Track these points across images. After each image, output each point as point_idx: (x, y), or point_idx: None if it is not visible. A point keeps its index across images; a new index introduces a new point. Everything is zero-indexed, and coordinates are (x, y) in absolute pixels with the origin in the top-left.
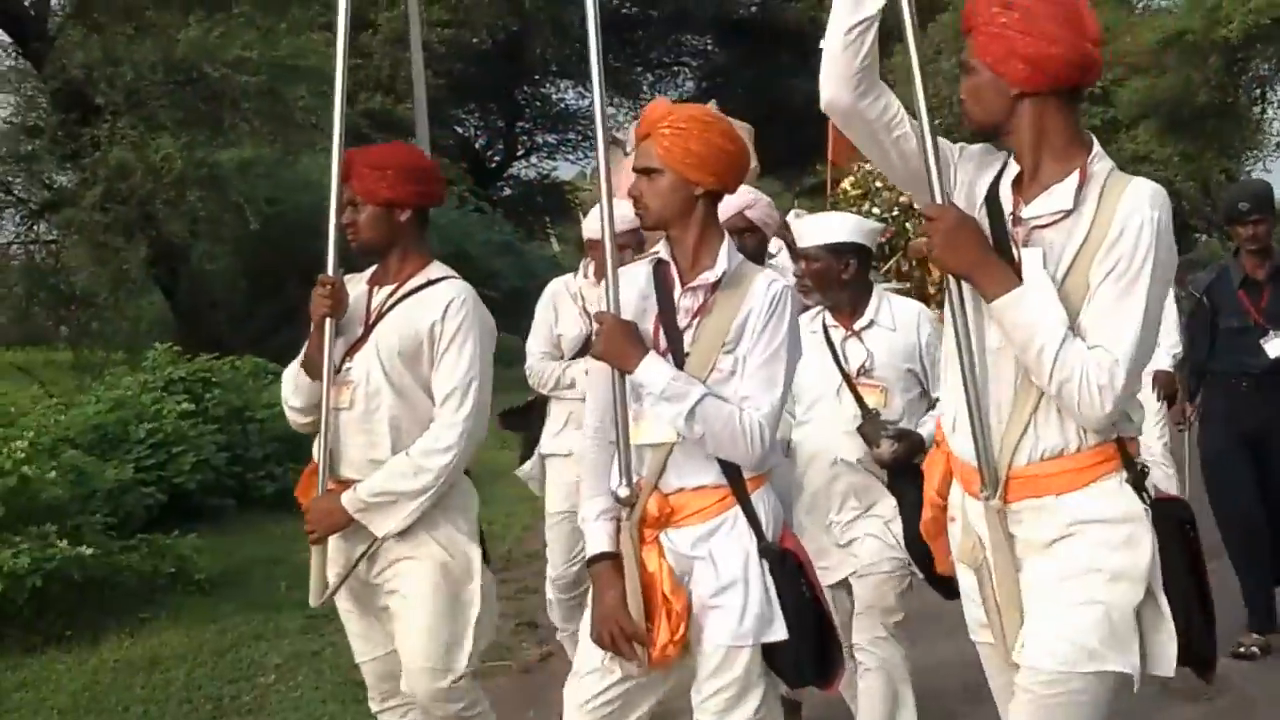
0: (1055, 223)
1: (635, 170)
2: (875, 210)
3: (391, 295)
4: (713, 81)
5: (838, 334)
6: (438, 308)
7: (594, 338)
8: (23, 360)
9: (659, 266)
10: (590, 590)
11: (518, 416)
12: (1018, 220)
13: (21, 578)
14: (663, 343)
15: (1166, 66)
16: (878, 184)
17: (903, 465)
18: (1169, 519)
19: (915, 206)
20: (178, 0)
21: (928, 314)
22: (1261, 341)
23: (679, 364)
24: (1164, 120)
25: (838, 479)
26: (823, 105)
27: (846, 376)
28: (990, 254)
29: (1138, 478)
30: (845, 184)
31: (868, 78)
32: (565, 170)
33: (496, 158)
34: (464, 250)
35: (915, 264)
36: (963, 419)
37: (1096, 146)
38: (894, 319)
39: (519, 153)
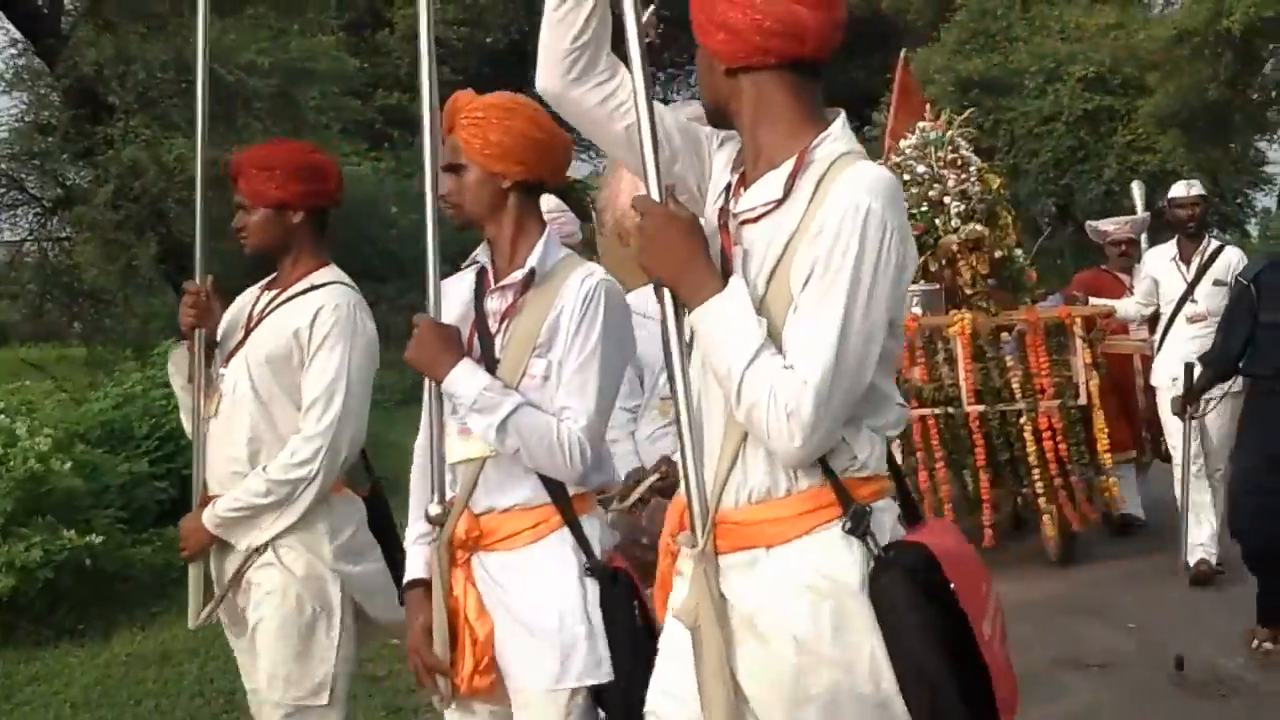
0: (764, 216)
1: (443, 169)
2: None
3: (272, 301)
4: None
5: None
6: (308, 313)
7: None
8: (36, 356)
9: (482, 270)
10: None
11: None
12: (728, 214)
13: (33, 571)
14: (477, 350)
15: (1179, 64)
16: (905, 177)
17: None
18: (902, 576)
19: (945, 201)
20: (192, 1)
21: None
22: None
23: (492, 371)
24: (1178, 125)
25: None
26: (536, 87)
27: None
28: (699, 258)
29: (859, 523)
30: None
31: (582, 61)
32: (579, 169)
33: None
34: (470, 249)
35: (945, 263)
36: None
37: (834, 128)
38: None
39: None
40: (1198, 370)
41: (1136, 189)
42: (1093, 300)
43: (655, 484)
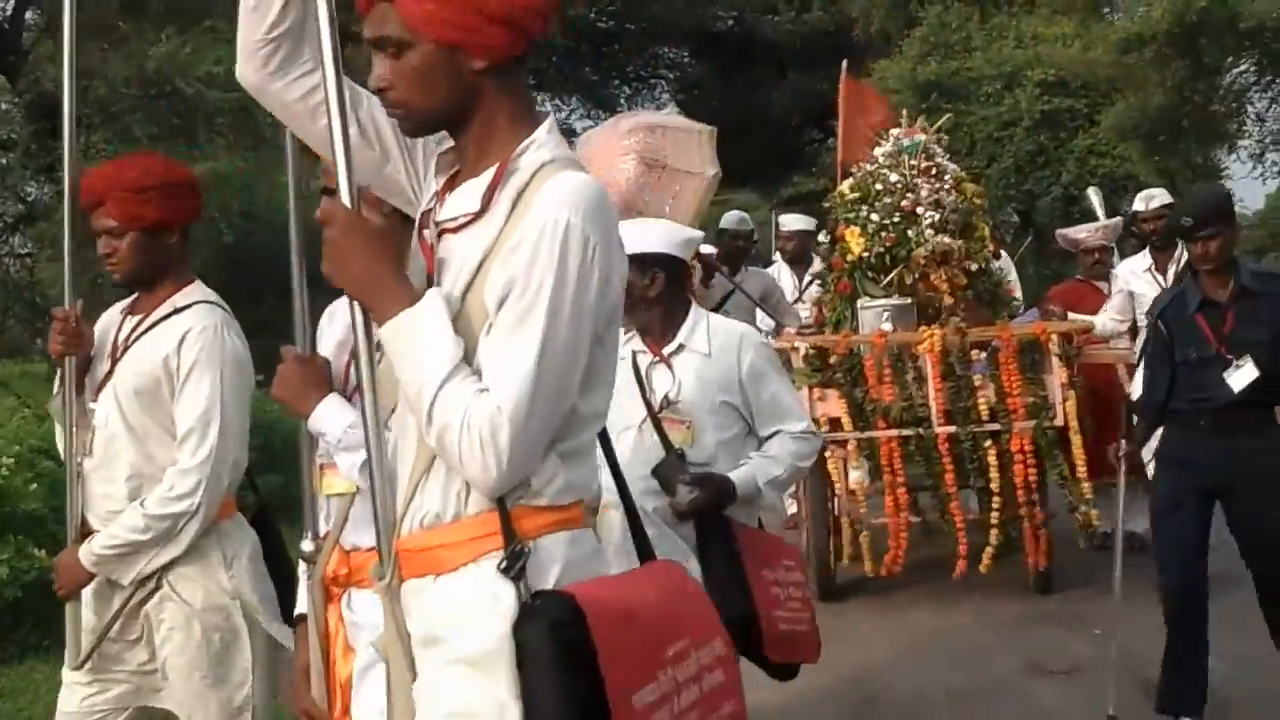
0: (464, 227)
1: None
2: (874, 217)
3: (136, 327)
4: (689, 94)
5: (645, 360)
6: (174, 339)
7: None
8: None
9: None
10: None
11: None
12: (427, 222)
13: (0, 590)
14: (353, 380)
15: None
16: (878, 186)
17: (706, 517)
18: (542, 629)
19: (919, 211)
20: (151, 15)
21: (754, 338)
22: (1224, 374)
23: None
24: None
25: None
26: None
27: (650, 409)
28: (385, 269)
29: (513, 563)
30: (844, 186)
31: (280, 53)
32: None
33: None
34: None
35: (919, 277)
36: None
37: (539, 133)
38: (709, 343)
39: None
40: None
41: (1094, 194)
42: (1072, 314)
43: None
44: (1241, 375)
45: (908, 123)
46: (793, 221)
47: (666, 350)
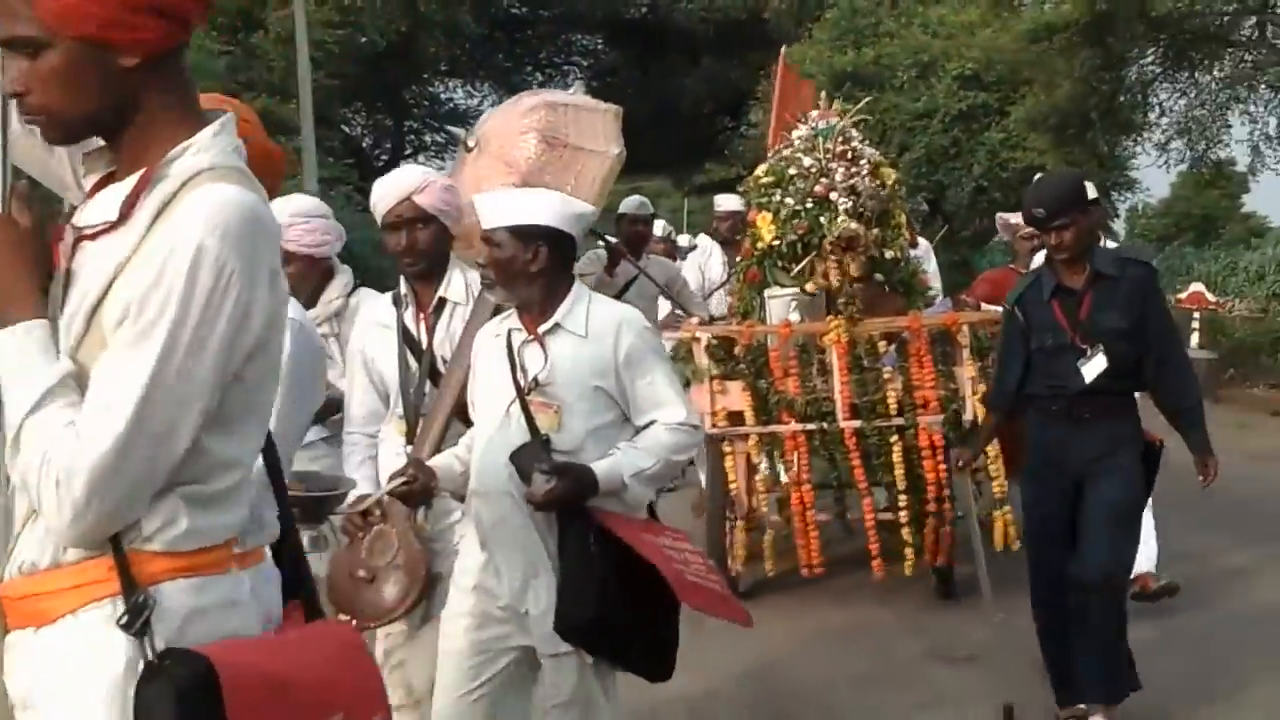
0: (101, 235)
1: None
2: (789, 201)
3: None
4: (603, 81)
5: (519, 338)
6: None
7: None
8: None
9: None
10: None
11: None
12: (70, 227)
13: None
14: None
15: (1043, 60)
16: (792, 171)
17: (565, 510)
18: (165, 693)
19: (833, 197)
20: None
21: (636, 322)
22: (1079, 362)
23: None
24: (1048, 129)
25: (504, 521)
26: None
27: (519, 390)
28: (23, 278)
29: (135, 617)
30: (760, 170)
31: None
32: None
33: (384, 157)
34: (348, 248)
35: (832, 266)
36: None
37: (200, 137)
38: (587, 324)
39: (406, 152)
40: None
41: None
42: (994, 305)
43: (389, 493)
44: (1093, 365)
45: (825, 106)
46: (728, 201)
47: (541, 329)
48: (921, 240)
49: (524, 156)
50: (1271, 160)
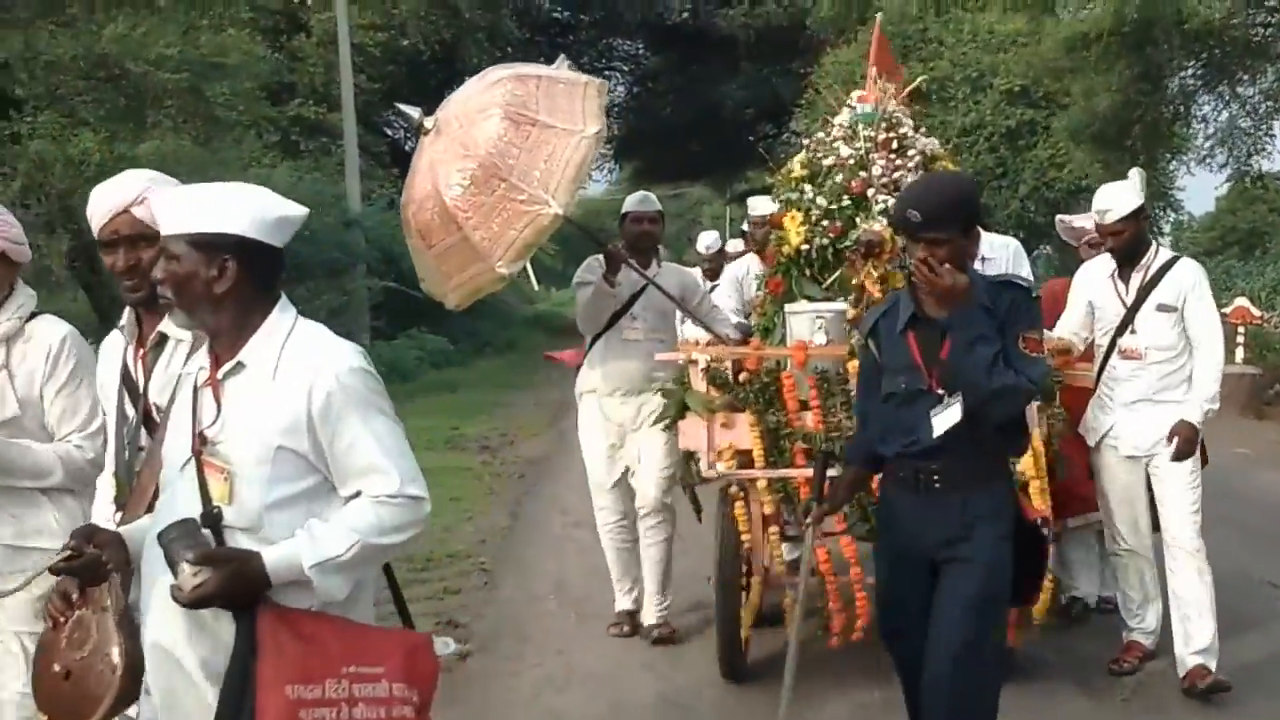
0: None
1: None
2: (820, 200)
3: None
4: (644, 86)
5: (202, 378)
6: None
7: None
8: None
9: None
10: None
11: None
12: None
13: None
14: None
15: (1084, 68)
16: (828, 162)
17: (235, 610)
18: None
19: (870, 195)
20: None
21: (342, 362)
22: (931, 412)
23: None
24: (1089, 139)
25: (172, 610)
26: None
27: (194, 448)
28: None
29: None
30: (794, 162)
31: None
32: None
33: None
34: (391, 253)
35: (865, 272)
36: None
37: None
38: (278, 364)
39: None
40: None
41: (1137, 176)
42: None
43: (51, 570)
44: (945, 416)
45: (883, 85)
46: (763, 204)
47: (221, 370)
48: (1004, 238)
49: (484, 137)
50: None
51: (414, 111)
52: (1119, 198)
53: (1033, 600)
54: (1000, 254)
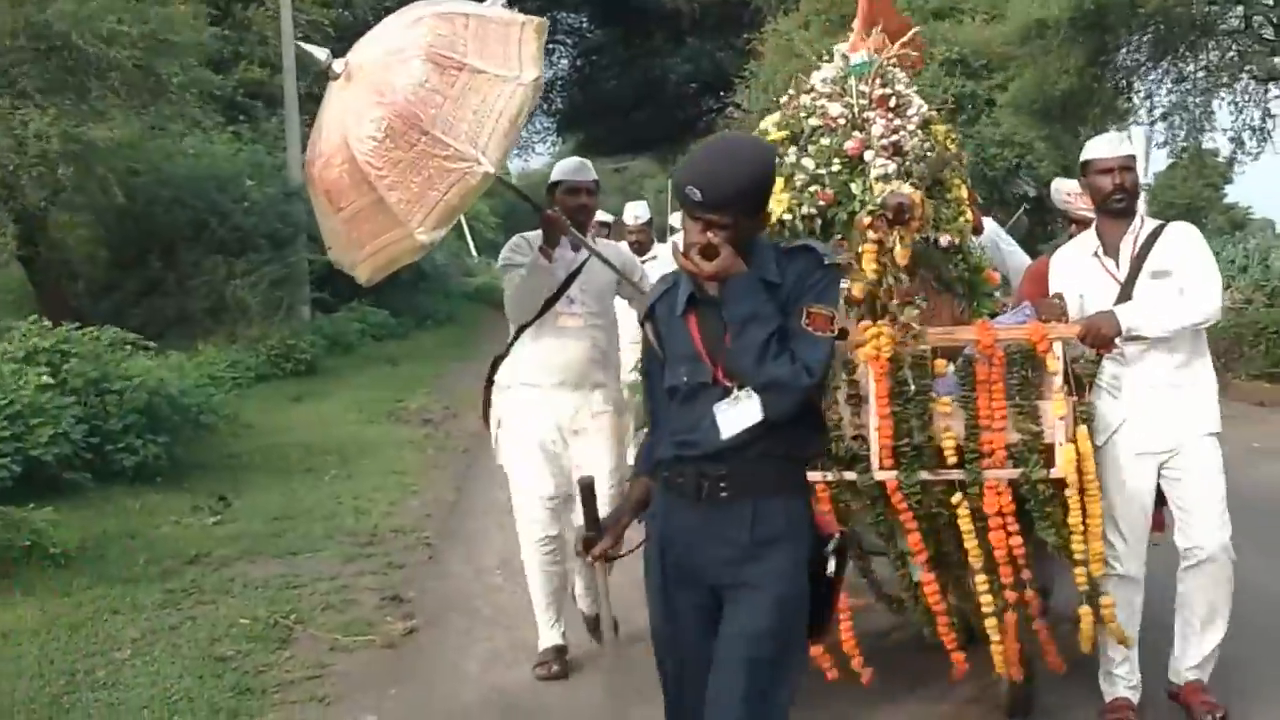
0: None
1: None
2: (807, 163)
3: None
4: (588, 59)
5: None
6: None
7: None
8: None
9: None
10: None
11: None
12: None
13: None
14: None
15: (1027, 59)
16: (813, 122)
17: None
18: None
19: (867, 157)
20: None
21: None
22: (716, 408)
23: None
24: (1033, 114)
25: None
26: None
27: None
28: None
29: None
30: (767, 123)
31: None
32: None
33: None
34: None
35: (868, 246)
36: None
37: None
38: None
39: None
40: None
41: (1140, 139)
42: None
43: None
44: (738, 413)
45: (860, 38)
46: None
47: None
48: (988, 221)
49: (403, 83)
50: (1255, 150)
51: (320, 53)
52: (1121, 135)
53: (822, 635)
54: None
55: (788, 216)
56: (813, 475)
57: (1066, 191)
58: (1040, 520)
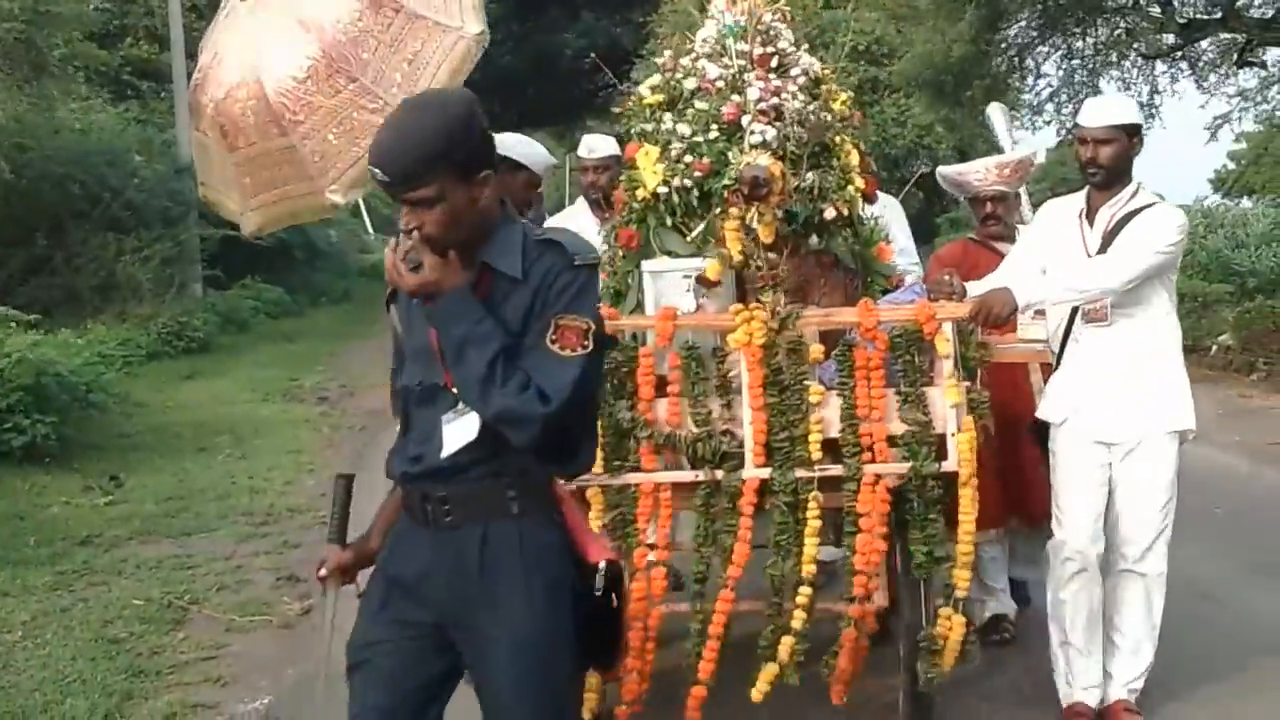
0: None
1: None
2: (682, 129)
3: None
4: None
5: None
6: None
7: None
8: None
9: None
10: None
11: None
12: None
13: None
14: None
15: (926, 17)
16: (690, 84)
17: None
18: None
19: (745, 122)
20: None
21: None
22: (443, 419)
23: None
24: (924, 86)
25: None
26: None
27: None
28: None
29: None
30: (644, 87)
31: None
32: None
33: None
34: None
35: (730, 225)
36: None
37: None
38: None
39: None
40: None
41: (997, 112)
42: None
43: None
44: (460, 427)
45: None
46: (602, 144)
47: None
48: (883, 195)
49: (333, 17)
50: (1145, 127)
51: None
52: (1116, 102)
53: (610, 668)
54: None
55: (663, 189)
56: (661, 476)
57: (952, 180)
58: (921, 521)
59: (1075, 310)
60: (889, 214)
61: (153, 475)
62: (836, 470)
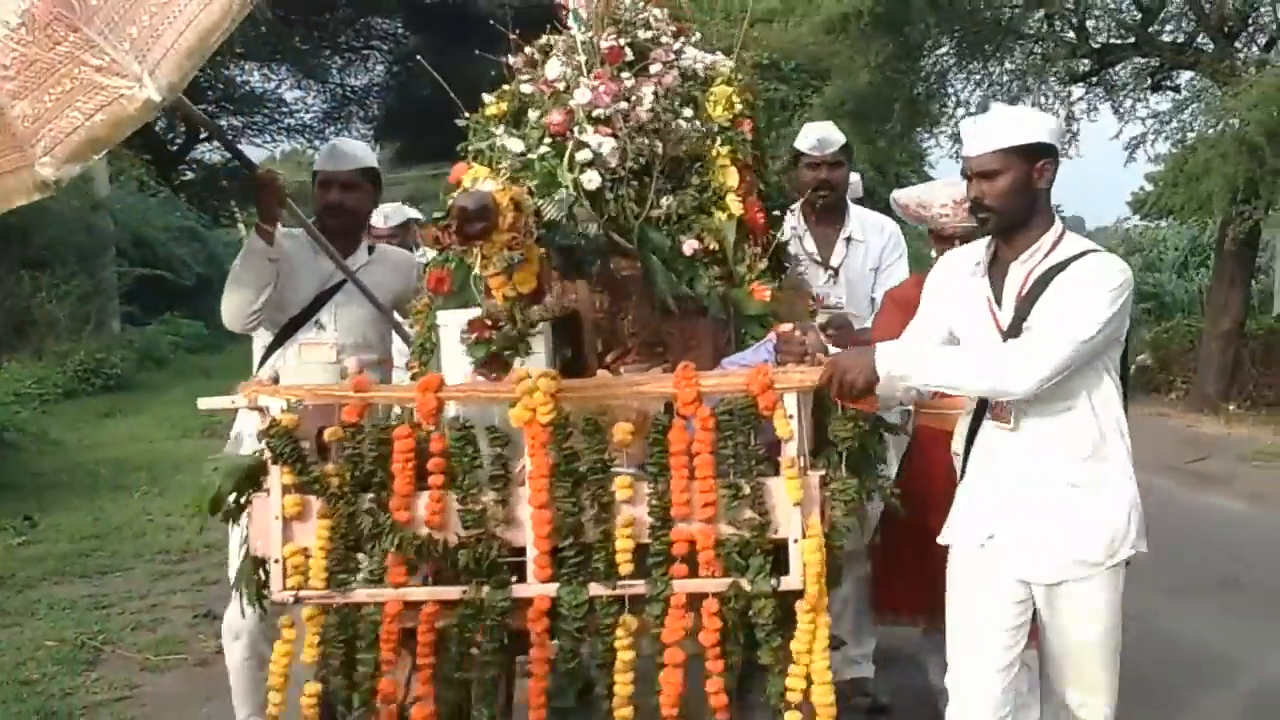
0: None
1: None
2: (513, 144)
3: None
4: (403, 65)
5: None
6: None
7: None
8: None
9: None
10: None
11: None
12: None
13: None
14: None
15: (843, 49)
16: (526, 87)
17: None
18: None
19: (582, 135)
20: None
21: None
22: None
23: None
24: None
25: None
26: None
27: None
28: None
29: None
30: (490, 96)
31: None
32: (251, 154)
33: (178, 141)
34: (142, 236)
35: (491, 275)
36: None
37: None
38: None
39: (202, 135)
40: None
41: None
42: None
43: None
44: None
45: None
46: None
47: None
48: (882, 221)
49: None
50: (1063, 151)
51: None
52: (1005, 119)
53: None
54: (873, 238)
55: None
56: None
57: (908, 207)
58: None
59: (984, 402)
60: (887, 241)
61: (68, 514)
62: (641, 586)
